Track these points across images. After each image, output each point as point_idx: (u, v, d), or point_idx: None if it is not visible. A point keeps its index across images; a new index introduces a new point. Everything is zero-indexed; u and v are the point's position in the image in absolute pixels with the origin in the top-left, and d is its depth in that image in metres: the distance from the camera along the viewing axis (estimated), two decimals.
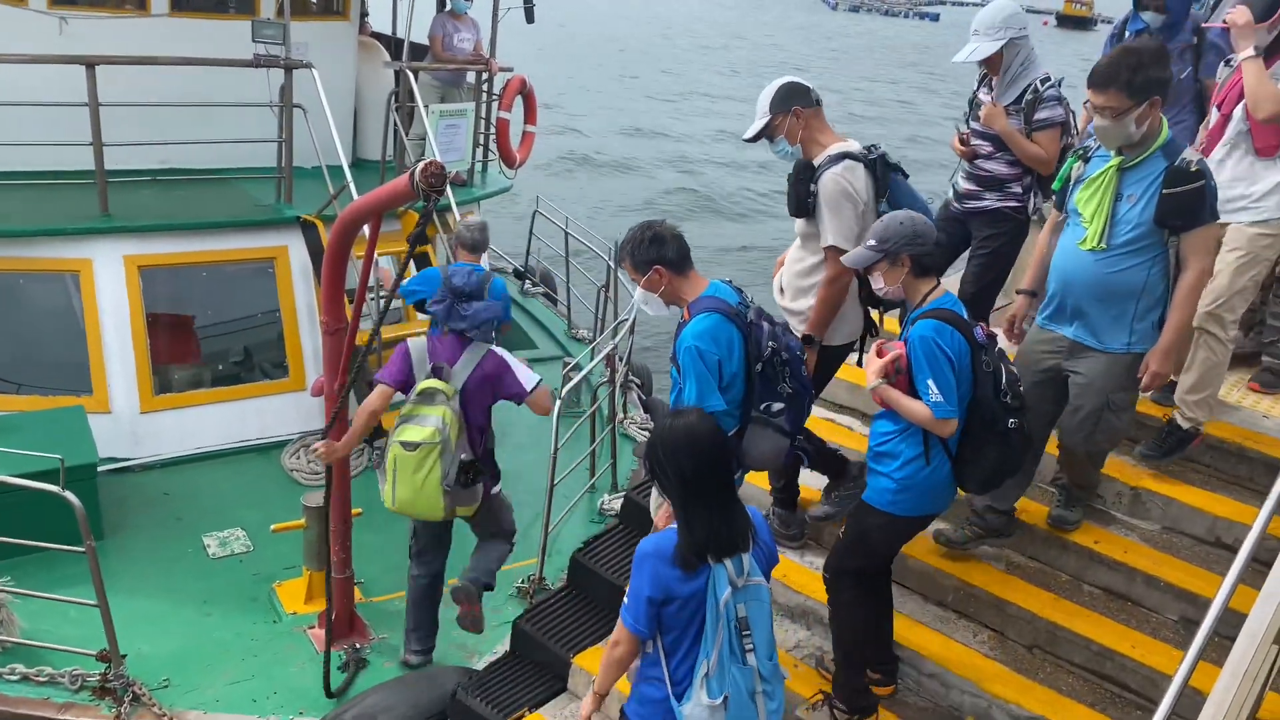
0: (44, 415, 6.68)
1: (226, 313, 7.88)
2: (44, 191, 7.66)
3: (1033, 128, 4.76)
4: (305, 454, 7.50)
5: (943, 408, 3.56)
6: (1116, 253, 3.90)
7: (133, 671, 4.96)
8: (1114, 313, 3.97)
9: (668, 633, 3.16)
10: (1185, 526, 4.56)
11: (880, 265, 3.74)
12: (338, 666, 5.39)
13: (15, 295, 7.32)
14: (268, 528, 6.33)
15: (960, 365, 3.61)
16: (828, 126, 4.38)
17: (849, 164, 4.17)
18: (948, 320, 3.62)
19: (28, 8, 7.93)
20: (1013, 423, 3.66)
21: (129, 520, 6.51)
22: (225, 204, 8.06)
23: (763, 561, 3.22)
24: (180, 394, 7.49)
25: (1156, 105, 3.76)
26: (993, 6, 4.78)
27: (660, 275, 3.83)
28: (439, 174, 4.11)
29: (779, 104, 4.26)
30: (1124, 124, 3.76)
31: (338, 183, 7.81)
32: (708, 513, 3.06)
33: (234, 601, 5.98)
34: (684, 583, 3.06)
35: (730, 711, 3.05)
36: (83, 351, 7.22)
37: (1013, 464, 3.79)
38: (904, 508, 3.84)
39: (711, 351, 3.71)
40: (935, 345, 3.56)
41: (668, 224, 4.02)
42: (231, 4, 8.80)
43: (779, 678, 3.27)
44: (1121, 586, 4.43)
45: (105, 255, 7.32)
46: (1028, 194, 4.95)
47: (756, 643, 3.12)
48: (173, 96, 7.82)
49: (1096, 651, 4.17)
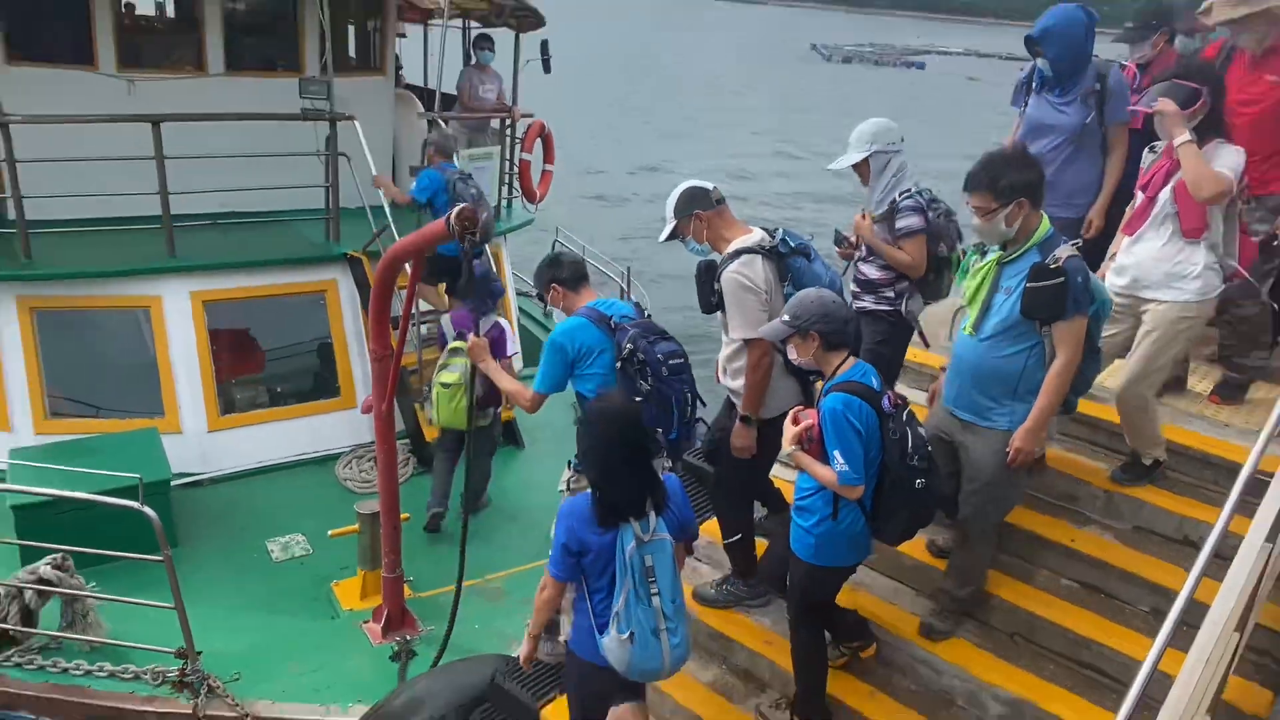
0: (122, 437, 6.71)
1: (283, 340, 7.93)
2: (117, 236, 7.67)
3: (897, 235, 4.62)
4: (357, 465, 7.53)
5: (847, 475, 3.56)
6: (995, 339, 3.85)
7: (207, 667, 4.96)
8: (996, 394, 3.92)
9: (590, 578, 3.44)
10: (1154, 525, 4.51)
11: (793, 339, 3.75)
12: (389, 657, 5.41)
13: (94, 329, 7.38)
14: (325, 533, 6.37)
15: (869, 434, 3.58)
16: (733, 221, 4.33)
17: (746, 259, 4.11)
18: (856, 393, 3.60)
19: (99, 72, 8.00)
20: (920, 482, 3.65)
21: (200, 530, 6.53)
22: (279, 243, 8.10)
23: (672, 522, 3.49)
24: (243, 414, 7.52)
25: (1024, 206, 3.70)
26: (869, 121, 4.67)
27: (557, 291, 4.48)
28: (472, 218, 4.16)
29: (682, 209, 4.25)
30: (994, 223, 3.74)
31: (380, 222, 7.87)
32: (620, 480, 3.37)
33: (296, 601, 6.00)
34: (597, 537, 3.36)
35: (635, 645, 3.35)
36: (155, 378, 7.26)
37: (923, 518, 3.83)
38: (823, 559, 3.84)
39: (563, 345, 4.22)
40: (844, 418, 3.55)
41: (568, 254, 4.93)
42: (280, 63, 8.84)
43: (682, 617, 3.54)
44: (1096, 580, 4.39)
45: (173, 292, 7.37)
46: (900, 298, 4.74)
47: (661, 588, 3.41)
48: (230, 148, 7.86)
49: (1074, 640, 4.15)
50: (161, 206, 7.32)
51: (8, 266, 7.15)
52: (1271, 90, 4.52)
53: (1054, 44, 4.97)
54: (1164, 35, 5.48)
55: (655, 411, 4.13)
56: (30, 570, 5.16)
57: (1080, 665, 4.14)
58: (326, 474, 7.40)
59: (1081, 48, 4.99)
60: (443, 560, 5.85)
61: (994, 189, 3.70)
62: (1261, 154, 4.61)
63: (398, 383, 5.34)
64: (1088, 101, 4.88)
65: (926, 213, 4.59)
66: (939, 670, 4.23)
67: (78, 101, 7.59)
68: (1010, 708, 4.01)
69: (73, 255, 7.37)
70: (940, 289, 4.79)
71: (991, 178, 3.71)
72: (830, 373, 3.74)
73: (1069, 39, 4.95)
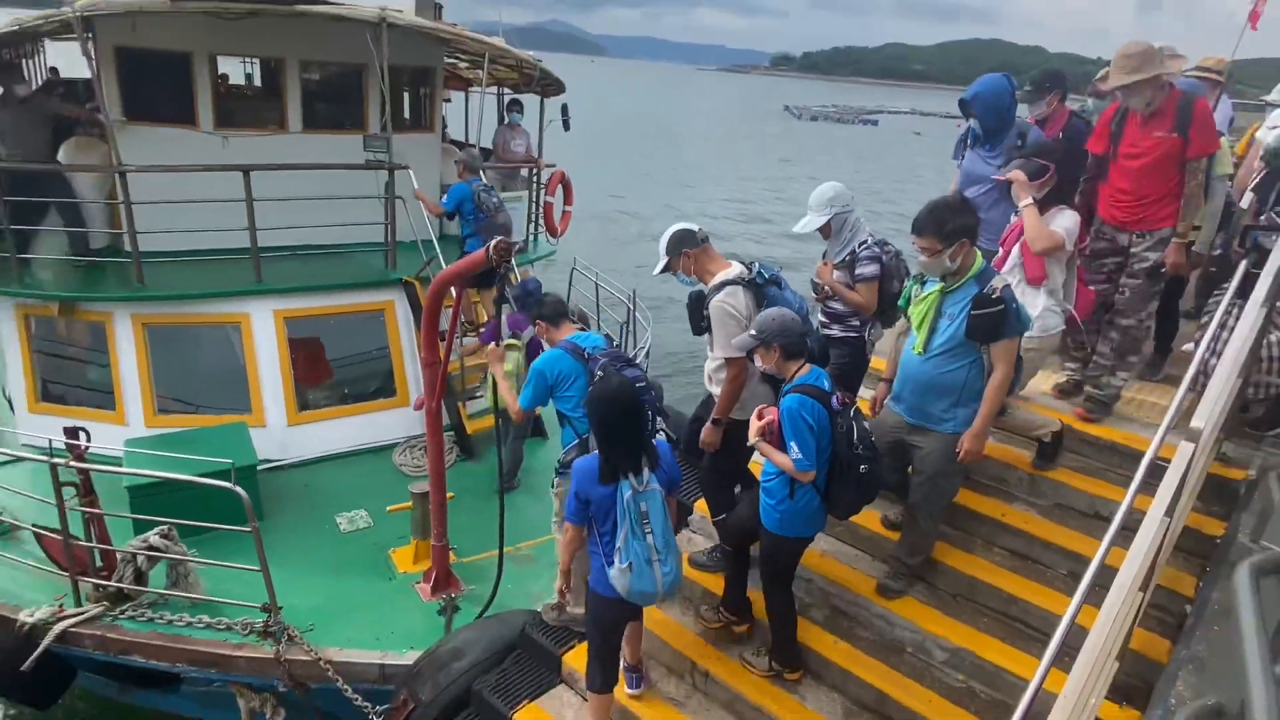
0: (217, 429, 6.71)
1: (349, 350, 7.91)
2: (214, 265, 7.73)
3: (856, 280, 4.61)
4: (410, 453, 7.52)
5: (801, 463, 3.62)
6: (939, 356, 3.87)
7: (286, 619, 4.96)
8: (942, 403, 3.93)
9: (598, 523, 3.60)
10: (1071, 503, 4.54)
11: (758, 350, 3.79)
12: (437, 611, 5.39)
13: (194, 341, 7.40)
14: (384, 509, 6.35)
15: (820, 427, 3.64)
16: (716, 257, 4.33)
17: (729, 290, 4.11)
18: (810, 394, 3.65)
19: (200, 130, 8.04)
20: (864, 467, 3.71)
21: (280, 506, 6.53)
22: (346, 270, 8.11)
23: (663, 478, 3.64)
24: (316, 411, 7.51)
25: (965, 245, 3.72)
26: (823, 187, 4.62)
27: (541, 326, 4.73)
28: (507, 249, 4.18)
29: (673, 249, 4.27)
30: (940, 260, 3.76)
31: (429, 253, 7.88)
32: (619, 444, 3.51)
33: (360, 565, 5.98)
34: (600, 490, 3.52)
35: (634, 573, 3.52)
36: (244, 381, 7.27)
37: (867, 496, 3.85)
38: (785, 530, 3.89)
39: (544, 371, 4.40)
40: (799, 415, 3.61)
41: (551, 295, 5.05)
42: (347, 123, 8.87)
43: (671, 551, 3.65)
44: (1023, 549, 4.41)
45: (259, 310, 7.38)
46: (863, 325, 4.75)
47: (654, 528, 3.56)
48: (306, 192, 7.87)
49: (1005, 598, 4.16)
50: (250, 240, 7.35)
51: (125, 289, 7.19)
52: (1157, 145, 4.51)
53: (982, 107, 4.98)
54: (1056, 95, 5.48)
55: None
56: (141, 539, 5.17)
57: (1010, 619, 4.15)
58: (384, 460, 7.39)
59: (1005, 110, 5.00)
60: (480, 531, 5.84)
61: (940, 233, 3.71)
62: (1148, 197, 4.62)
63: (445, 385, 5.34)
64: (1011, 155, 4.85)
65: (882, 259, 4.59)
66: (892, 623, 4.25)
67: (182, 154, 7.63)
68: (952, 654, 4.03)
69: (177, 280, 7.40)
70: (896, 318, 4.77)
71: (938, 223, 3.72)
72: (789, 377, 3.78)
73: (994, 103, 4.96)
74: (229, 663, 4.91)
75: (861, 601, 4.36)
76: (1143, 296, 4.75)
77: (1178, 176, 4.53)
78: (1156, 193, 4.59)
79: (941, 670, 4.03)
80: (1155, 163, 4.54)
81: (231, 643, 4.94)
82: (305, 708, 5.06)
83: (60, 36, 8.41)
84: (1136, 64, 4.37)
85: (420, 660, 4.76)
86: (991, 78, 4.98)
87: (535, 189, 10.15)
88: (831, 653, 4.16)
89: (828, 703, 4.05)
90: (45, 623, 4.98)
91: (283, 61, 8.31)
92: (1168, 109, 4.49)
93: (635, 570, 3.52)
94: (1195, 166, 4.47)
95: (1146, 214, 4.64)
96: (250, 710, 5.16)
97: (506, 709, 4.43)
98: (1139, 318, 4.80)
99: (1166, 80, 4.49)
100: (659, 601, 3.76)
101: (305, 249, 8.15)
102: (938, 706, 3.83)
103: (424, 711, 4.55)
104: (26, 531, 5.58)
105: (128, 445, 6.20)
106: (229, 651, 4.90)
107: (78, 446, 5.14)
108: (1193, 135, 4.42)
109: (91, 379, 7.26)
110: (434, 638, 5.00)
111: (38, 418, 6.97)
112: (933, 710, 3.80)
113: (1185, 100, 4.47)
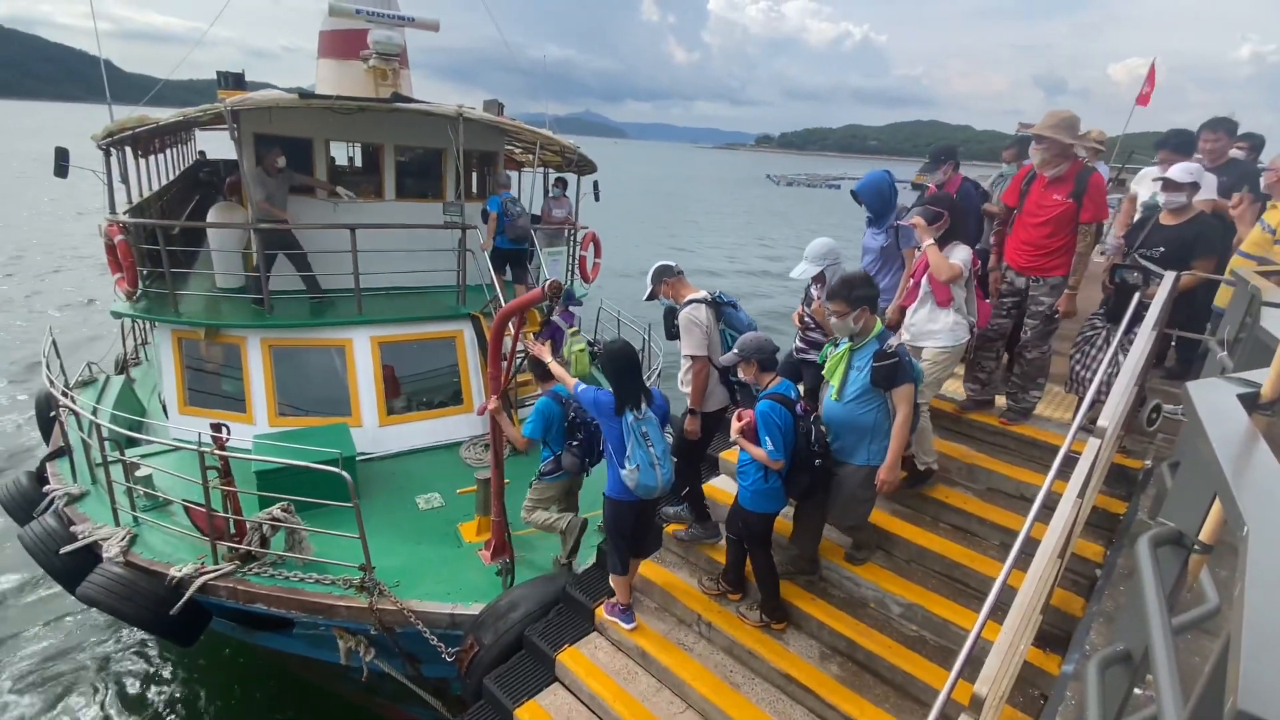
0: (325, 428, 6.76)
1: (427, 367, 7.96)
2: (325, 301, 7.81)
3: None
4: (473, 449, 7.51)
5: (774, 454, 3.72)
6: (853, 402, 3.80)
7: (378, 577, 4.97)
8: (855, 439, 3.85)
9: (613, 445, 3.85)
10: (1001, 487, 4.50)
11: (740, 364, 3.90)
12: (496, 573, 5.37)
13: (308, 360, 7.47)
14: (454, 491, 6.37)
15: (786, 428, 3.72)
16: (688, 285, 4.42)
17: (694, 305, 4.19)
18: (779, 400, 3.75)
19: (316, 198, 8.18)
20: (818, 461, 3.80)
21: (372, 489, 6.53)
22: (426, 306, 8.18)
23: (657, 411, 3.90)
24: (401, 415, 7.55)
25: (865, 311, 3.71)
26: (818, 242, 4.52)
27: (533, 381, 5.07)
28: (559, 287, 4.22)
29: (655, 278, 4.39)
30: (845, 321, 3.75)
31: (490, 294, 7.96)
32: (625, 389, 3.77)
33: (434, 536, 5.96)
34: (613, 419, 3.80)
35: (640, 472, 3.76)
36: (346, 391, 7.33)
37: (818, 482, 3.86)
38: (756, 507, 3.92)
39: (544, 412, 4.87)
40: (770, 417, 3.71)
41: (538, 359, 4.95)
42: (430, 193, 9.02)
43: (666, 459, 3.88)
44: (963, 524, 4.36)
45: (359, 336, 7.45)
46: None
47: (653, 441, 3.80)
48: (397, 245, 8.02)
49: (949, 564, 4.11)
50: (354, 282, 7.45)
51: (257, 319, 7.28)
52: (1056, 206, 4.45)
53: (868, 196, 4.84)
54: (951, 164, 5.47)
55: (581, 449, 4.96)
56: (266, 512, 5.21)
57: (954, 581, 4.10)
58: (453, 455, 7.40)
59: (887, 198, 4.85)
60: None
61: (848, 299, 3.71)
62: (1044, 249, 4.57)
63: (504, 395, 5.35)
64: (889, 233, 4.80)
65: None
66: (858, 584, 4.20)
67: (302, 215, 7.76)
68: (906, 609, 3.98)
69: (297, 312, 7.50)
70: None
71: (846, 291, 3.71)
72: (764, 386, 3.86)
73: (877, 193, 4.83)
74: (332, 610, 4.91)
75: (833, 566, 4.31)
76: (1040, 335, 4.68)
77: (1071, 234, 4.46)
78: (1051, 246, 4.53)
79: (899, 622, 3.98)
80: (1053, 221, 4.48)
81: (334, 595, 4.95)
82: (391, 647, 5.04)
83: (209, 127, 8.58)
84: (1054, 123, 4.36)
85: (483, 611, 4.74)
86: (873, 174, 4.89)
87: (573, 245, 10.25)
88: (810, 607, 4.11)
89: (806, 647, 4.00)
90: (190, 577, 5.03)
91: (381, 146, 8.48)
92: (1068, 177, 4.44)
93: (641, 470, 3.77)
94: (1086, 229, 4.41)
95: (1043, 263, 4.58)
96: (348, 649, 5.14)
97: (552, 651, 4.38)
98: (1040, 351, 4.72)
99: (1074, 153, 4.47)
100: (658, 494, 3.92)
101: (395, 290, 8.24)
102: (895, 651, 3.78)
103: (486, 652, 4.51)
104: (177, 505, 5.61)
105: (255, 439, 6.25)
106: (332, 602, 4.90)
107: (220, 438, 5.17)
108: (1086, 203, 4.37)
109: (226, 389, 7.36)
110: (494, 594, 5.00)
111: (185, 418, 7.05)
112: (891, 654, 3.76)
113: (1084, 172, 4.42)
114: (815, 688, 3.70)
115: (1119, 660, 1.92)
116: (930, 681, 3.55)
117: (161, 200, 10.26)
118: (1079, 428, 3.11)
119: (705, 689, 3.86)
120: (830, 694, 3.65)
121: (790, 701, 3.77)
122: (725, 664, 4.04)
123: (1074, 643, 3.04)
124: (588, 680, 4.12)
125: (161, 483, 5.97)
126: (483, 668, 4.46)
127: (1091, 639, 2.86)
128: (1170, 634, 1.39)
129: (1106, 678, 1.86)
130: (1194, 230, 4.47)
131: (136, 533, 5.50)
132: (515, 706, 4.15)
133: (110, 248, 7.20)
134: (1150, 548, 1.76)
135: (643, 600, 4.60)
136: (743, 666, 4.02)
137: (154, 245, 7.33)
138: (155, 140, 10.67)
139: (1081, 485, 2.77)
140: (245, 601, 4.99)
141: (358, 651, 5.12)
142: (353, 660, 5.16)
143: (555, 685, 4.29)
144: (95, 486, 6.14)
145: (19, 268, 23.98)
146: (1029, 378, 4.81)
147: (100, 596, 4.95)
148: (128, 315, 7.41)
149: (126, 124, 7.36)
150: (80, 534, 5.43)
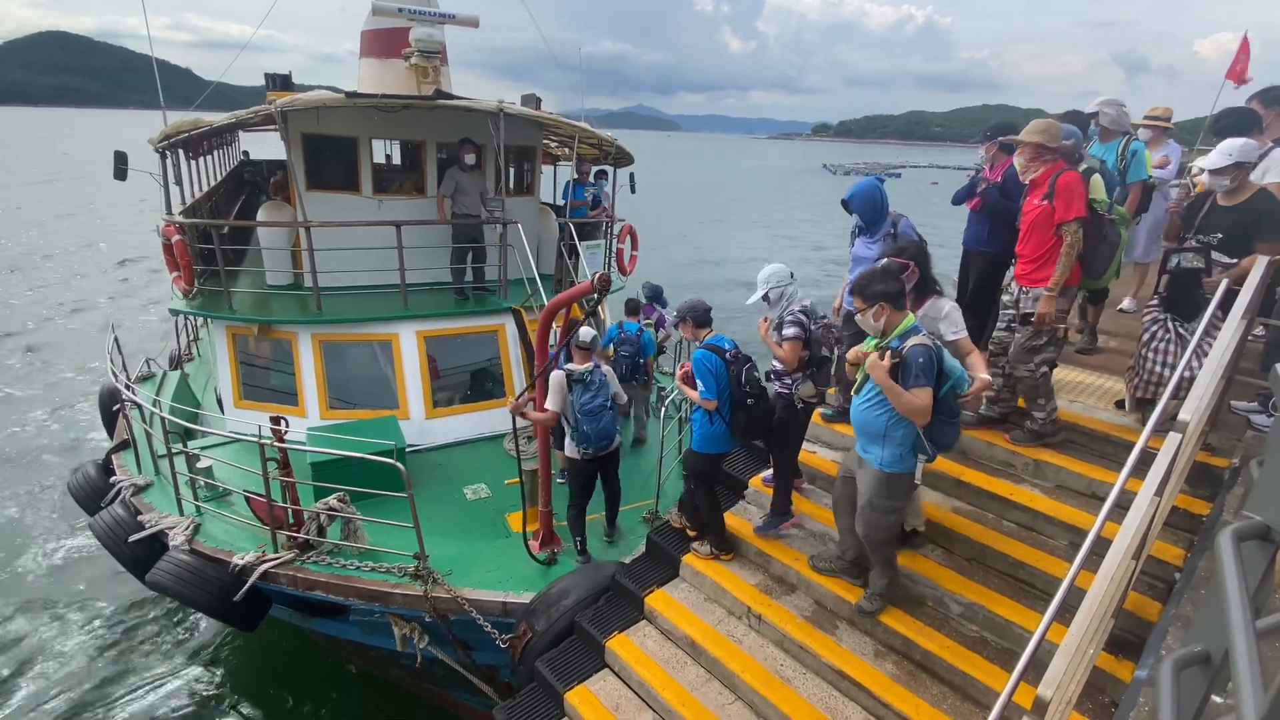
0: (375, 421, 6.90)
1: (471, 360, 8.08)
2: (372, 296, 7.98)
3: (781, 339, 4.38)
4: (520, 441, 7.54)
5: (705, 394, 4.35)
6: (868, 401, 3.66)
7: (432, 565, 5.05)
8: (870, 439, 3.70)
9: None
10: (1070, 484, 4.37)
11: (680, 324, 4.56)
12: (543, 561, 5.44)
13: (357, 354, 7.63)
14: (501, 482, 6.46)
15: (718, 373, 4.34)
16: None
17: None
18: (711, 350, 4.39)
19: (362, 195, 8.35)
20: (750, 400, 4.32)
21: (421, 479, 6.65)
22: (470, 300, 8.29)
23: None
24: (447, 407, 7.65)
25: (885, 308, 3.54)
26: (767, 268, 4.43)
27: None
28: (607, 279, 4.27)
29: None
30: (865, 318, 3.62)
31: (531, 288, 8.02)
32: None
33: (483, 525, 6.06)
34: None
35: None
36: (393, 385, 7.46)
37: (757, 424, 4.39)
38: (709, 449, 4.53)
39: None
40: (702, 364, 4.36)
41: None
42: None
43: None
44: (1029, 522, 4.25)
45: (406, 331, 7.56)
46: (794, 383, 4.42)
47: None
48: (441, 241, 8.12)
49: (1013, 563, 4.03)
50: (400, 278, 7.59)
51: (307, 315, 7.46)
52: (1034, 210, 4.30)
53: (859, 204, 4.69)
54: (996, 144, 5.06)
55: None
56: (322, 502, 5.33)
57: (1018, 580, 4.01)
58: (497, 446, 7.48)
59: (878, 206, 4.69)
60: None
61: (864, 295, 3.59)
62: (1031, 258, 4.39)
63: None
64: (884, 241, 4.62)
65: (807, 325, 4.37)
66: (915, 581, 4.15)
67: (349, 213, 7.94)
68: (966, 608, 3.92)
69: (345, 308, 7.65)
70: (826, 377, 4.57)
71: (862, 287, 3.60)
72: (699, 340, 4.51)
73: (869, 200, 4.68)
74: (387, 598, 5.02)
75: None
76: (1023, 348, 4.46)
77: (1054, 240, 4.25)
78: (1035, 253, 4.36)
79: (958, 621, 3.92)
80: (1032, 226, 4.34)
81: (389, 583, 5.05)
82: (444, 634, 5.16)
83: (255, 128, 8.79)
84: (1038, 130, 4.29)
85: (535, 599, 4.82)
86: (864, 182, 4.74)
87: (610, 238, 10.26)
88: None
89: (860, 644, 3.98)
90: (252, 565, 5.20)
91: (423, 143, 8.61)
92: (1043, 180, 4.29)
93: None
94: (1065, 229, 4.20)
95: (1032, 273, 4.41)
96: (402, 636, 5.28)
97: (602, 638, 4.45)
98: (1027, 368, 4.48)
99: (1052, 156, 4.30)
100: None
101: (439, 285, 8.37)
102: (954, 651, 3.72)
103: (539, 639, 4.61)
104: (236, 495, 5.79)
105: (309, 431, 6.42)
106: (388, 589, 5.01)
107: (280, 431, 5.32)
108: (1057, 204, 4.19)
109: (276, 383, 7.55)
110: (543, 582, 5.05)
111: (240, 412, 7.29)
112: (950, 654, 3.70)
113: (1057, 174, 4.23)
114: (870, 685, 3.68)
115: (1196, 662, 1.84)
116: (991, 684, 3.49)
117: (211, 201, 10.60)
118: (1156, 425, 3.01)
119: (755, 681, 3.88)
120: (885, 692, 3.63)
121: (843, 698, 3.76)
122: (775, 657, 4.06)
123: (1149, 647, 2.95)
124: (637, 667, 4.18)
125: (220, 473, 6.20)
126: (536, 653, 4.56)
127: (1168, 643, 2.76)
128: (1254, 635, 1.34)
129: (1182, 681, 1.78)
130: (1253, 212, 4.15)
131: (199, 522, 5.72)
132: (566, 690, 4.23)
133: (167, 247, 7.45)
134: (1233, 542, 1.67)
135: (692, 591, 4.63)
136: (793, 660, 4.02)
137: (208, 245, 7.54)
138: (204, 142, 10.99)
139: (1160, 483, 2.67)
140: (304, 588, 5.15)
141: (412, 638, 5.24)
142: (407, 647, 5.28)
143: (605, 671, 4.37)
144: (159, 477, 6.41)
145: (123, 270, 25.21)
146: (1028, 399, 4.59)
147: (169, 583, 5.17)
148: (185, 312, 7.65)
149: (181, 127, 7.60)
150: (147, 523, 5.67)
